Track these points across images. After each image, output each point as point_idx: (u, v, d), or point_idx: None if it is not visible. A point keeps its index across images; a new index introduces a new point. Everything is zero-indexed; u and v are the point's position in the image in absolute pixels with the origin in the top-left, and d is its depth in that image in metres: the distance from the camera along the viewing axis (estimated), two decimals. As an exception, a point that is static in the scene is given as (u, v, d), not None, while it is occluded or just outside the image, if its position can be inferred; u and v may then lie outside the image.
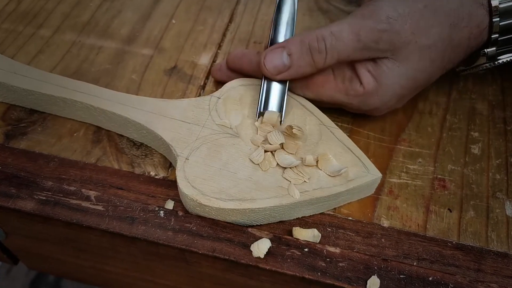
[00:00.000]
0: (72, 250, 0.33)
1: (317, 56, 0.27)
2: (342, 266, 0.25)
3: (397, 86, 0.28)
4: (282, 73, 0.28)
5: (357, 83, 0.28)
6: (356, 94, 0.28)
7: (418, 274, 0.25)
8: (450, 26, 0.27)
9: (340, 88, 0.29)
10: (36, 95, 0.31)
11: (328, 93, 0.29)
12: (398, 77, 0.28)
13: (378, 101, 0.29)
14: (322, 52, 0.27)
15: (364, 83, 0.28)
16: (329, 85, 0.29)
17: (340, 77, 0.29)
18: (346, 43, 0.27)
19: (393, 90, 0.28)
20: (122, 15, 0.39)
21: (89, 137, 0.31)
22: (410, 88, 0.29)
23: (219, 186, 0.26)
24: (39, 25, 0.38)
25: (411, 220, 0.28)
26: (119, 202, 0.28)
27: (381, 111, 0.30)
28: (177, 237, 0.26)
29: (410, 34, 0.27)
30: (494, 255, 0.27)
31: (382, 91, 0.28)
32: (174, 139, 0.28)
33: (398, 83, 0.28)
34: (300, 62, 0.28)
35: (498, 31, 0.28)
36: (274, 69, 0.28)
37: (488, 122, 0.33)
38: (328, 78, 0.29)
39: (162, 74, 0.35)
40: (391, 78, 0.28)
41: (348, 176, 0.27)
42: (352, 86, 0.28)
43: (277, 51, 0.28)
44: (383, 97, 0.28)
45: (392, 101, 0.29)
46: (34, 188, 0.28)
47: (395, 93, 0.28)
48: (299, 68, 0.28)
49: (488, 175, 0.30)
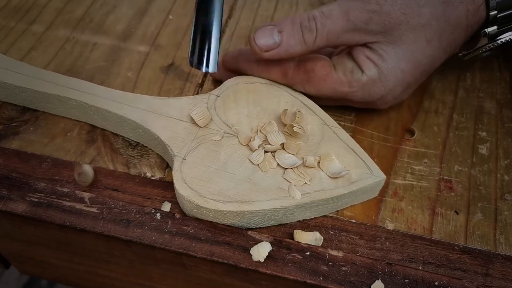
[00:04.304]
0: (65, 253, 0.33)
1: (308, 35, 0.27)
2: (345, 271, 0.25)
3: (398, 70, 0.28)
4: (271, 50, 0.28)
5: (359, 72, 0.28)
6: (359, 83, 0.28)
7: (423, 279, 0.25)
8: (443, 4, 0.27)
9: (343, 80, 0.28)
10: (29, 92, 0.31)
11: (331, 86, 0.29)
12: (396, 59, 0.28)
13: (382, 88, 0.28)
14: (312, 31, 0.27)
15: (365, 70, 0.28)
16: (331, 78, 0.29)
17: (341, 70, 0.29)
18: (336, 22, 0.27)
19: (394, 74, 0.28)
20: (117, 10, 0.39)
21: (83, 136, 0.31)
22: (412, 72, 0.29)
23: (217, 188, 0.26)
24: (32, 20, 0.38)
25: (417, 223, 0.28)
26: (114, 204, 0.27)
27: (387, 101, 0.30)
28: (174, 240, 0.26)
29: (401, 14, 0.27)
30: (502, 259, 0.26)
31: (384, 77, 0.28)
32: (171, 139, 0.28)
33: (398, 67, 0.28)
34: (290, 40, 0.28)
35: (496, 7, 0.28)
36: (264, 45, 0.28)
37: (496, 121, 0.33)
38: (330, 71, 0.29)
39: (158, 72, 0.35)
40: (390, 62, 0.28)
41: (351, 178, 0.27)
42: (354, 77, 0.28)
43: (268, 28, 0.28)
44: (386, 83, 0.28)
45: (396, 88, 0.29)
46: (26, 190, 0.28)
47: (397, 78, 0.28)
48: (288, 46, 0.28)
49: (496, 176, 0.30)
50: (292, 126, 0.28)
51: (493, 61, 0.36)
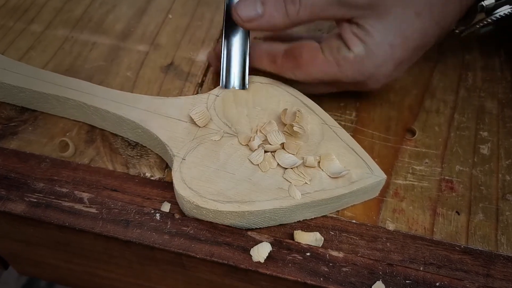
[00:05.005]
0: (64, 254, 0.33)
1: (291, 7, 0.27)
2: (345, 271, 0.25)
3: (386, 45, 0.27)
4: (253, 21, 0.28)
5: (345, 50, 0.28)
6: (347, 61, 0.28)
7: (424, 280, 0.25)
8: None
9: (330, 60, 0.28)
10: (27, 92, 0.30)
11: (319, 68, 0.29)
12: (384, 34, 0.27)
13: (371, 65, 0.28)
14: (295, 3, 0.27)
15: (351, 47, 0.27)
16: (319, 60, 0.28)
17: (327, 49, 0.28)
18: None
19: (383, 49, 0.27)
20: (116, 9, 0.39)
21: (82, 136, 0.31)
22: (402, 47, 0.28)
23: (217, 188, 0.26)
24: (30, 20, 0.37)
25: (418, 223, 0.28)
26: (113, 205, 0.27)
27: (379, 79, 0.29)
28: (174, 240, 0.26)
29: None
30: (504, 259, 0.26)
31: (372, 52, 0.27)
32: (171, 139, 0.28)
33: (387, 41, 0.27)
34: (273, 12, 0.27)
35: None
36: (246, 16, 0.28)
37: (497, 121, 0.32)
38: (317, 53, 0.28)
39: (158, 71, 0.35)
40: (377, 36, 0.27)
41: (352, 177, 0.27)
42: (341, 55, 0.28)
43: (251, 0, 0.28)
44: (375, 59, 0.27)
45: (387, 64, 0.28)
46: (25, 190, 0.28)
47: (386, 53, 0.27)
48: (271, 18, 0.28)
49: (497, 176, 0.30)
50: (292, 125, 0.28)
51: (495, 60, 0.36)
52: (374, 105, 0.33)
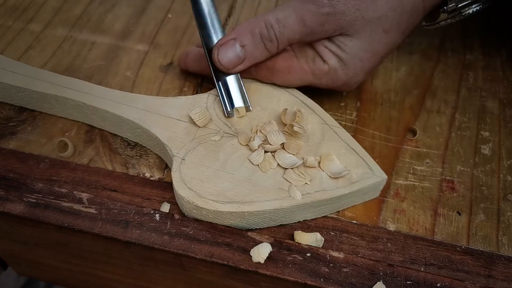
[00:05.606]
0: (63, 255, 0.33)
1: (269, 44, 0.28)
2: (346, 272, 0.25)
3: (357, 60, 0.29)
4: (237, 66, 0.29)
5: (320, 61, 0.29)
6: (322, 72, 0.29)
7: (425, 280, 0.25)
8: None
9: (306, 69, 0.29)
10: (26, 92, 0.30)
11: (295, 76, 0.30)
12: (355, 50, 0.28)
13: (344, 75, 0.29)
14: (273, 40, 0.28)
15: (326, 60, 0.29)
16: (295, 69, 0.29)
17: (303, 58, 0.29)
18: (293, 29, 0.27)
19: (354, 64, 0.29)
20: (116, 9, 0.39)
21: (81, 136, 0.31)
22: (371, 60, 0.29)
23: (216, 188, 0.26)
24: (29, 19, 0.37)
25: (418, 224, 0.27)
26: (112, 205, 0.27)
27: (351, 86, 0.30)
28: (174, 241, 0.25)
29: (356, 11, 0.27)
30: (505, 260, 0.26)
31: (345, 66, 0.29)
32: (170, 139, 0.28)
33: (357, 56, 0.28)
34: (254, 53, 0.28)
35: None
36: (229, 63, 0.28)
37: (499, 121, 0.32)
38: (292, 62, 0.29)
39: (157, 71, 0.34)
40: (349, 52, 0.28)
41: (352, 178, 0.27)
42: (317, 65, 0.29)
43: (229, 44, 0.28)
44: (347, 71, 0.29)
45: (358, 75, 0.29)
46: (24, 190, 0.27)
47: (357, 66, 0.29)
48: (254, 58, 0.29)
49: (499, 176, 0.30)
50: (292, 125, 0.27)
51: (496, 60, 0.36)
52: (375, 105, 0.33)
